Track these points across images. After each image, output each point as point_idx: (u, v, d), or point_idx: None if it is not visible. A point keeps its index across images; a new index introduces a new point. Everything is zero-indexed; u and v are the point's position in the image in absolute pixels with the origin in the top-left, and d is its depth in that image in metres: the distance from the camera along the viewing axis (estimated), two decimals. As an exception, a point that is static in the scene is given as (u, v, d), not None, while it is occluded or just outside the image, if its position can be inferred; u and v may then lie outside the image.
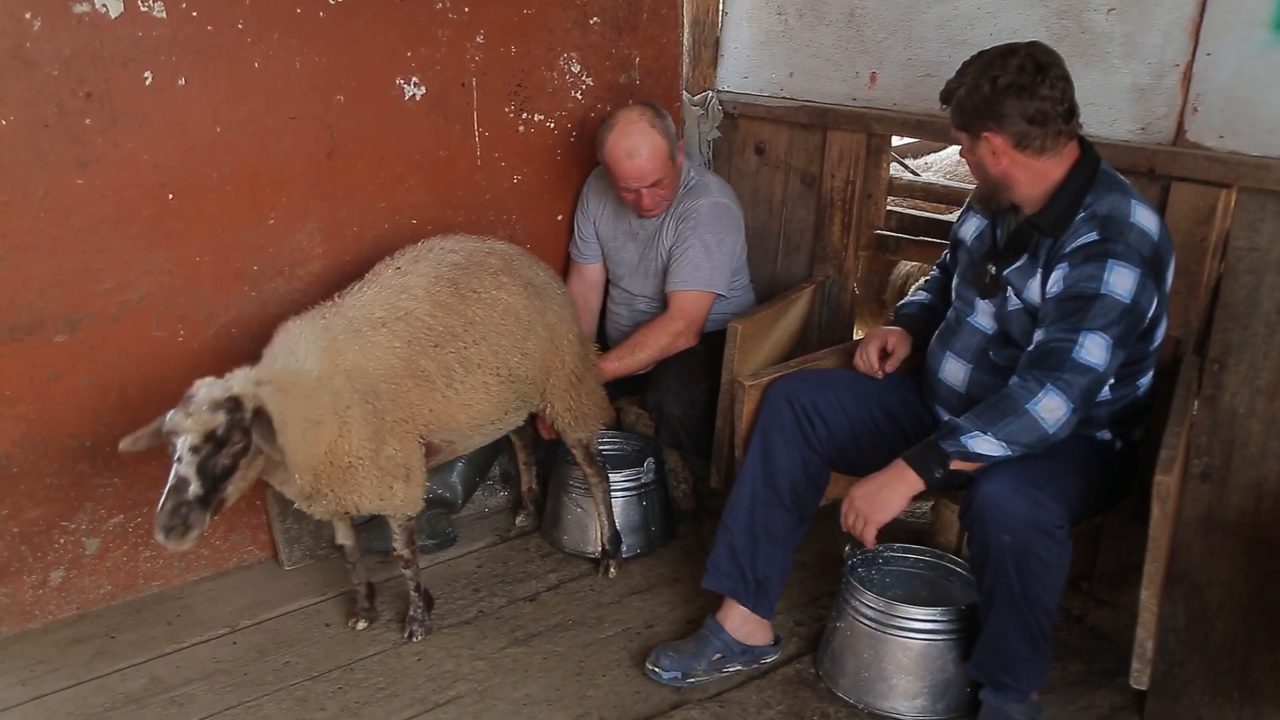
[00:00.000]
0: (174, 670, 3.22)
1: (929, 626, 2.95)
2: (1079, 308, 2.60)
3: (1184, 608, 2.88)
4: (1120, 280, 2.58)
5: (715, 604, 3.22)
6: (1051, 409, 2.58)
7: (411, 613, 3.37)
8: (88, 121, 3.05)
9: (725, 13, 4.23)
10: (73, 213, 3.10)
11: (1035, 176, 2.72)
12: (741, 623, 3.17)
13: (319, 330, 2.95)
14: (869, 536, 2.75)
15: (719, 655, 3.16)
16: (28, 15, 2.89)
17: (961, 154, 2.85)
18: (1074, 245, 2.65)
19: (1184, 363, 2.95)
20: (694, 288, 3.75)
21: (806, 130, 3.99)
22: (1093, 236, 2.63)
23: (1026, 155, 2.69)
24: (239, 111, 3.28)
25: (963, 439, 2.63)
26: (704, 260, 3.72)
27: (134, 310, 3.26)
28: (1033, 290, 2.76)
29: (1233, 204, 2.84)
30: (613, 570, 3.71)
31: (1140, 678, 2.60)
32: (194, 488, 2.51)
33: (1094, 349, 2.57)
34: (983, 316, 2.95)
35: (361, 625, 3.41)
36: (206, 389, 2.59)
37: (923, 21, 3.56)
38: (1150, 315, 2.67)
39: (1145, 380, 2.89)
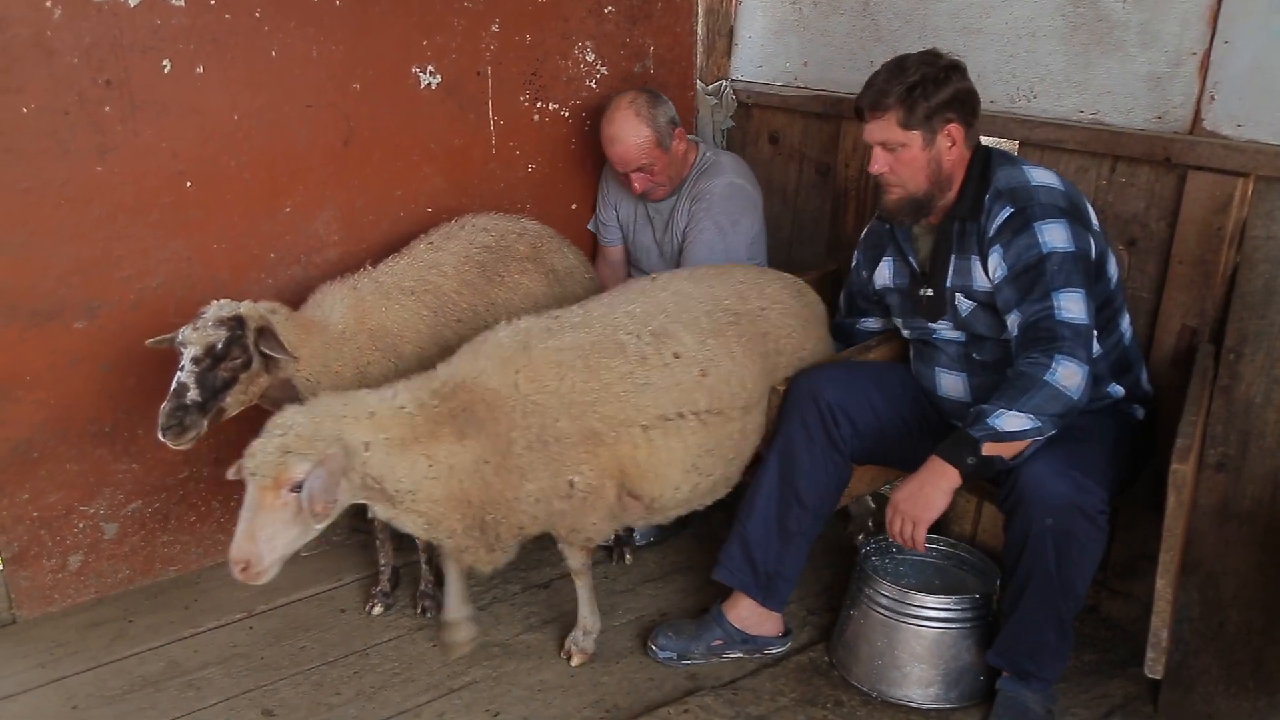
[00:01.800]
0: (191, 654, 3.25)
1: (943, 615, 2.96)
2: (1034, 277, 2.68)
3: (1198, 597, 2.88)
4: (1054, 234, 2.68)
5: (728, 592, 3.22)
6: (1069, 375, 2.58)
7: (423, 588, 3.43)
8: (107, 109, 3.07)
9: (739, 1, 4.24)
10: (92, 200, 3.12)
11: (963, 165, 2.86)
12: (748, 614, 3.17)
13: (348, 290, 3.18)
14: (919, 538, 2.72)
15: (719, 641, 3.19)
16: (48, 4, 2.91)
17: (899, 159, 2.83)
18: (996, 226, 2.76)
19: (1200, 352, 2.93)
20: None
21: (821, 119, 3.99)
22: (1008, 211, 2.75)
23: (968, 143, 2.85)
24: (257, 100, 3.30)
25: (990, 420, 2.60)
26: (718, 241, 3.72)
27: (152, 297, 3.28)
28: (979, 278, 2.83)
29: (1250, 193, 2.82)
30: (628, 557, 3.72)
31: (1155, 667, 2.59)
32: (192, 394, 2.74)
33: (1071, 305, 2.65)
34: (946, 330, 2.97)
35: (378, 610, 3.44)
36: (216, 308, 2.83)
37: (937, 10, 3.55)
38: (1094, 254, 2.75)
39: (1125, 324, 2.92)
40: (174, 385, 2.74)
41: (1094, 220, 2.82)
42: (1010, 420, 2.59)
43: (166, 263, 3.29)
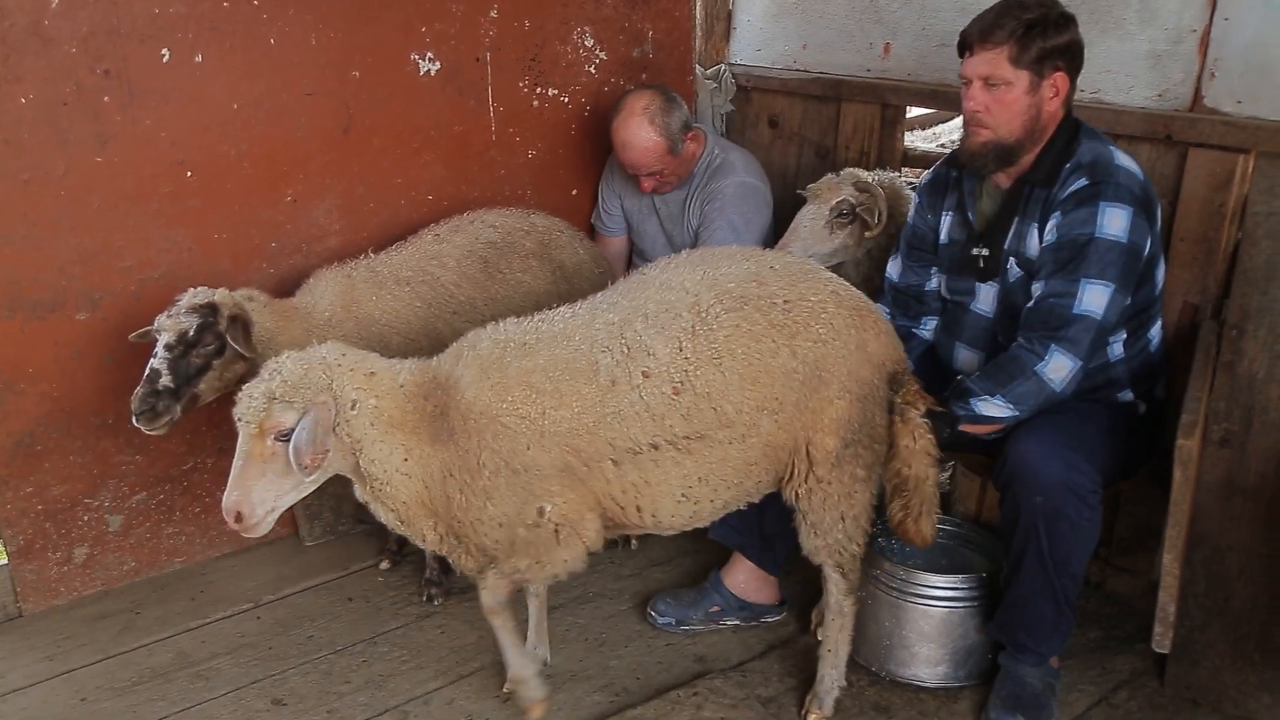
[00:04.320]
0: (199, 645, 3.25)
1: (950, 594, 2.97)
2: (1074, 255, 2.64)
3: (1204, 573, 2.89)
4: (1113, 221, 2.62)
5: (725, 562, 3.28)
6: (1059, 369, 2.64)
7: (428, 575, 3.43)
8: (106, 99, 3.06)
9: (738, -15, 4.23)
10: (92, 190, 3.11)
11: (1055, 123, 2.74)
12: (746, 579, 3.22)
13: (341, 277, 3.17)
14: None
15: (716, 608, 3.24)
16: (45, -8, 2.90)
17: (998, 98, 2.68)
18: (1066, 193, 2.69)
19: (1203, 328, 2.95)
20: None
21: (820, 102, 3.99)
22: (1082, 182, 2.67)
23: (1067, 101, 2.73)
24: (256, 88, 3.29)
25: (973, 402, 2.70)
26: (732, 239, 3.71)
27: (154, 288, 3.27)
28: (1033, 245, 2.79)
29: (1251, 169, 2.84)
30: (634, 542, 3.73)
31: (1162, 641, 2.61)
32: (165, 380, 2.80)
33: (1093, 298, 2.62)
34: (984, 302, 2.96)
35: (385, 565, 3.53)
36: (190, 295, 2.85)
37: (937, -9, 3.56)
38: (1147, 254, 2.70)
39: (1155, 332, 2.91)
40: (147, 371, 2.80)
41: (1159, 221, 2.76)
42: (991, 407, 2.70)
43: (168, 253, 3.28)
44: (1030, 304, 2.73)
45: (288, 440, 2.32)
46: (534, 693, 2.82)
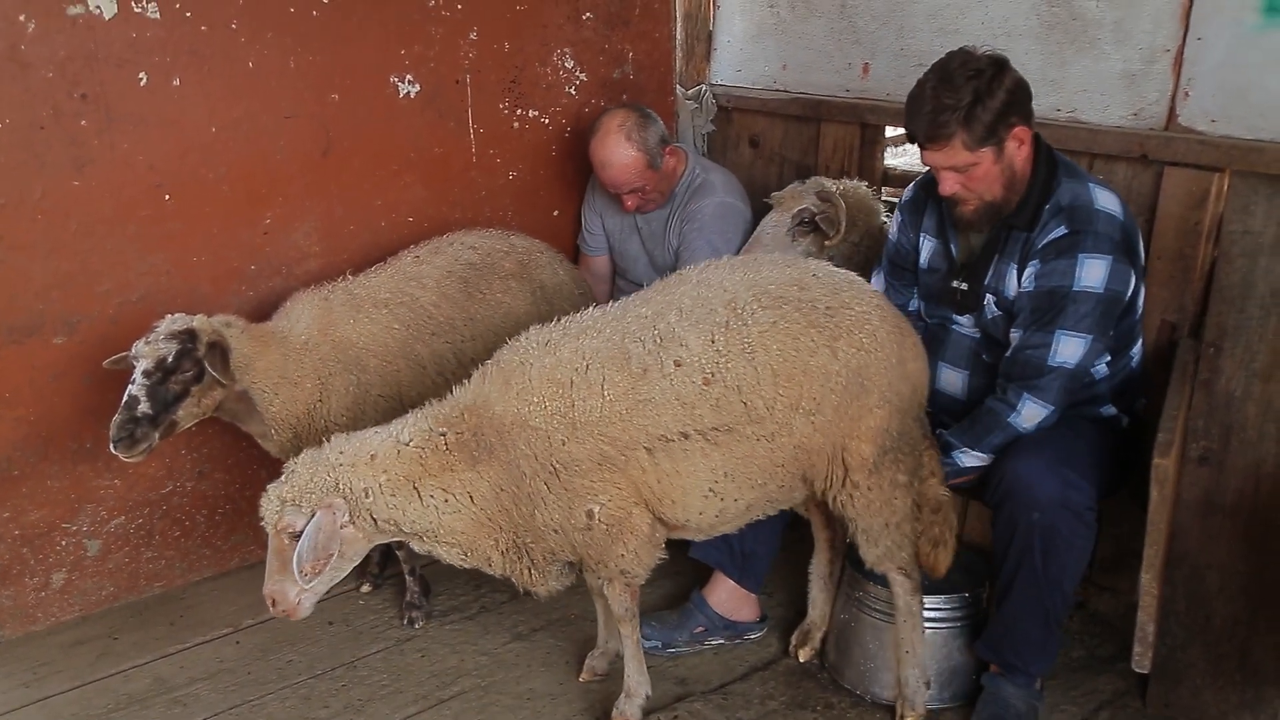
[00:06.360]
0: (177, 670, 3.23)
1: (933, 615, 2.95)
2: (1051, 306, 2.67)
3: (1184, 591, 2.89)
4: (1091, 272, 2.64)
5: (705, 582, 3.28)
6: (1031, 417, 2.73)
7: (409, 599, 3.42)
8: (83, 123, 3.06)
9: (717, 6, 4.25)
10: (70, 214, 3.11)
11: (1031, 163, 2.74)
12: (727, 597, 3.22)
13: (318, 300, 3.17)
14: None
15: (701, 628, 3.24)
16: (21, 17, 2.90)
17: (971, 176, 2.67)
18: (1045, 241, 2.70)
19: (1180, 347, 2.95)
20: None
21: (800, 122, 4.00)
22: (1061, 230, 2.68)
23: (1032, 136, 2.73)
24: (234, 111, 3.29)
25: (954, 455, 2.81)
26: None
27: (133, 311, 3.26)
28: (1011, 286, 2.80)
29: (1225, 188, 2.85)
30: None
31: (1142, 661, 2.61)
32: (143, 406, 2.78)
33: (1067, 349, 2.67)
34: (967, 325, 2.97)
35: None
36: (169, 322, 2.85)
37: (914, 11, 3.57)
38: (1130, 290, 2.72)
39: (1137, 350, 2.94)
40: (125, 398, 2.79)
41: (1141, 251, 2.78)
42: (970, 459, 2.83)
43: (146, 276, 3.27)
44: (1008, 354, 2.79)
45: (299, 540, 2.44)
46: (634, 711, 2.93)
